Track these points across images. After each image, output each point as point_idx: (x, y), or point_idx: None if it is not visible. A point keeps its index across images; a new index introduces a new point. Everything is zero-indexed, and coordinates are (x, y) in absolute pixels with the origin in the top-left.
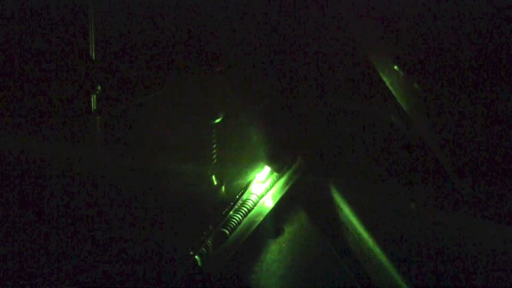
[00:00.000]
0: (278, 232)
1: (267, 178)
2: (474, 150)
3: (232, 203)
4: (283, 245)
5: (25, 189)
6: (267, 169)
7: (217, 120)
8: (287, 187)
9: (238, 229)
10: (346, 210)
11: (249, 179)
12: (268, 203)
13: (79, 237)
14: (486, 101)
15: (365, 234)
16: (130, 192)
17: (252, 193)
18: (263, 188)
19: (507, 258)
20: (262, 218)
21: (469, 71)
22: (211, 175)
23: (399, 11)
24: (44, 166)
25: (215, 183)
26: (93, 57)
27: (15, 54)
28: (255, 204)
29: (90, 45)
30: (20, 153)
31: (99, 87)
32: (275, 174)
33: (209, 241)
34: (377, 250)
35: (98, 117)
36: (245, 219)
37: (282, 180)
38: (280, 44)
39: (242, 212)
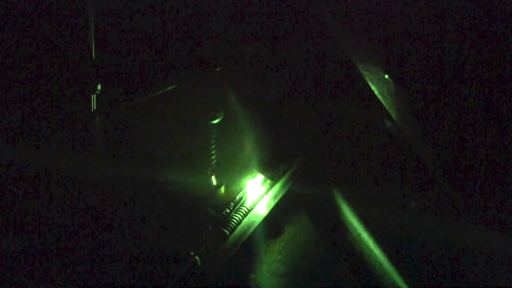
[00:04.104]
0: (278, 232)
1: None
2: (463, 156)
3: (232, 204)
4: (283, 245)
5: (25, 190)
6: None
7: (217, 121)
8: (287, 188)
9: (238, 229)
10: (346, 210)
11: (249, 179)
12: (268, 203)
13: (80, 237)
14: (477, 106)
15: (365, 234)
16: (130, 193)
17: (252, 193)
18: (263, 189)
19: (505, 260)
20: (262, 218)
21: (458, 78)
22: (211, 176)
23: (389, 20)
24: (44, 167)
25: (215, 183)
26: (93, 57)
27: (14, 54)
28: (255, 204)
29: (90, 45)
30: (20, 153)
31: (99, 87)
32: None
33: (209, 241)
34: (377, 250)
35: (98, 117)
36: (245, 219)
37: (282, 180)
38: (279, 45)
39: (242, 213)
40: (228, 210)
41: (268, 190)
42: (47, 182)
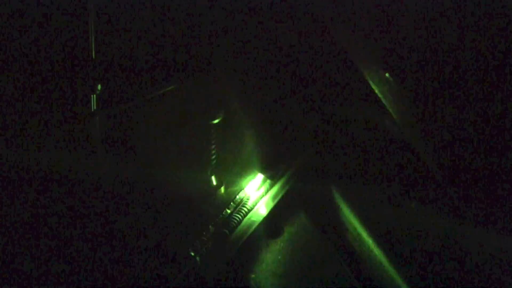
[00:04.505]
0: (278, 232)
1: None
2: (463, 155)
3: (232, 203)
4: (283, 245)
5: (25, 190)
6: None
7: (217, 121)
8: (287, 187)
9: (238, 229)
10: (346, 210)
11: (249, 179)
12: (268, 203)
13: (80, 237)
14: (476, 107)
15: (365, 234)
16: (130, 193)
17: (252, 193)
18: (263, 188)
19: (506, 260)
20: (262, 218)
21: (458, 77)
22: (211, 176)
23: (389, 19)
24: (43, 167)
25: (215, 183)
26: (93, 57)
27: (14, 54)
28: (255, 204)
29: (90, 45)
30: (20, 153)
31: (99, 87)
32: None
33: (209, 241)
34: (377, 250)
35: (98, 117)
36: (245, 219)
37: (282, 180)
38: (280, 45)
39: (242, 212)
40: (228, 210)
41: (268, 190)
42: (47, 182)
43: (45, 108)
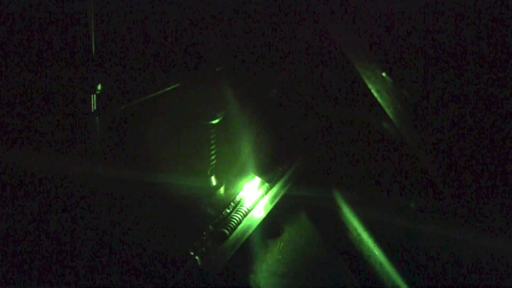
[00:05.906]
0: (278, 232)
1: None
2: (461, 157)
3: (231, 204)
4: (283, 245)
5: (25, 190)
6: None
7: (216, 121)
8: (286, 188)
9: (238, 229)
10: (346, 210)
11: (248, 179)
12: (268, 203)
13: (79, 238)
14: (475, 107)
15: (365, 234)
16: (130, 193)
17: (251, 193)
18: (263, 189)
19: (506, 260)
20: (261, 219)
21: (457, 78)
22: (211, 176)
23: (386, 19)
24: (43, 167)
25: (215, 183)
26: (93, 57)
27: (15, 54)
28: (255, 205)
29: (90, 45)
30: (20, 154)
31: (99, 87)
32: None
33: (209, 241)
34: (377, 250)
35: (98, 117)
36: (245, 220)
37: (282, 180)
38: (279, 45)
39: (242, 213)
40: (228, 210)
41: (268, 191)
42: (47, 182)
43: (45, 108)
